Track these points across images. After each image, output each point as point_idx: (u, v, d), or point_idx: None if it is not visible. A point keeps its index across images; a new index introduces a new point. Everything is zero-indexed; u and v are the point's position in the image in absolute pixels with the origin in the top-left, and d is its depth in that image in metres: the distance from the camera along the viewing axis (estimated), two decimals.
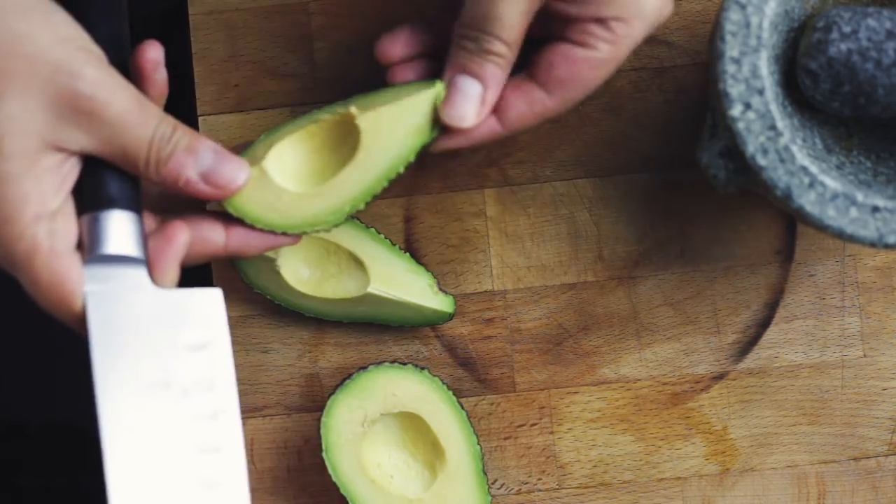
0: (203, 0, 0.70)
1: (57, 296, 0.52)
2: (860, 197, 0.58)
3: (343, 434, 0.65)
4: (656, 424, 0.70)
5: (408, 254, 0.68)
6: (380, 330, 0.69)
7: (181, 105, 0.71)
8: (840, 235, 0.59)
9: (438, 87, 0.58)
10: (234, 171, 0.55)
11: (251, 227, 0.57)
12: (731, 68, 0.58)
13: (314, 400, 0.70)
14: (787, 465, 0.70)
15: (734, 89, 0.58)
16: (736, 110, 0.58)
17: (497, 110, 0.58)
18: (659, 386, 0.70)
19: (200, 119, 0.70)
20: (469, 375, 0.70)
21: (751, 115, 0.58)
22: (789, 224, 0.70)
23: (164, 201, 0.57)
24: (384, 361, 0.67)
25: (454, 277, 0.70)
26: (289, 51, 0.70)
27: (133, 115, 0.52)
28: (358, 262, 0.67)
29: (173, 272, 0.54)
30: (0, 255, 0.52)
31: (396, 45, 0.60)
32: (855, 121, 0.64)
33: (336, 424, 0.66)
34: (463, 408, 0.67)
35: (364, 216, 0.69)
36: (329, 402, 0.66)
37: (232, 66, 0.70)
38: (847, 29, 0.59)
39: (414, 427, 0.67)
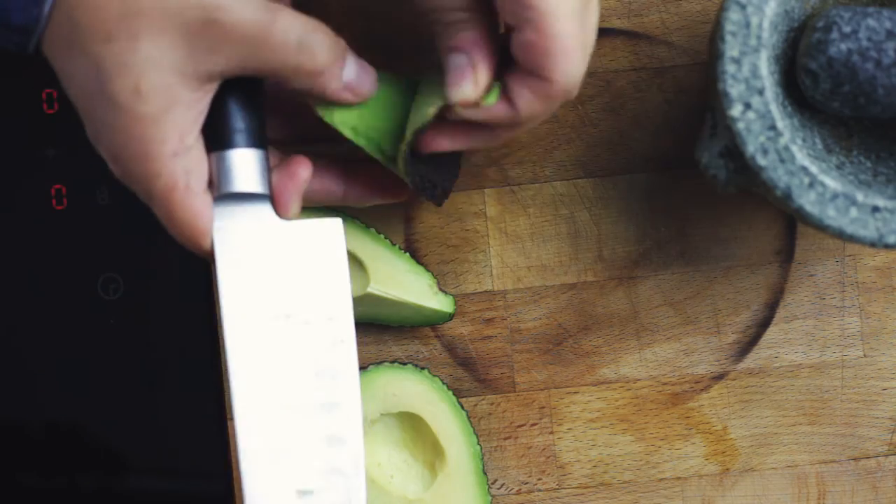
0: None
1: (190, 232, 0.54)
2: (860, 197, 0.58)
3: None
4: (656, 424, 0.70)
5: (407, 254, 0.68)
6: (380, 330, 0.69)
7: None
8: (840, 235, 0.59)
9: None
10: (372, 79, 0.58)
11: (368, 180, 0.61)
12: (731, 68, 0.58)
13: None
14: (787, 465, 0.70)
15: (734, 89, 0.58)
16: (736, 110, 0.58)
17: (507, 99, 0.57)
18: (659, 386, 0.70)
19: None
20: (469, 375, 0.70)
21: (751, 115, 0.58)
22: (789, 224, 0.70)
23: (285, 140, 0.60)
24: (384, 361, 0.67)
25: (454, 277, 0.70)
26: None
27: (269, 29, 0.52)
28: (358, 262, 0.67)
29: (296, 206, 0.57)
30: (139, 189, 0.54)
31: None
32: (855, 121, 0.64)
33: None
34: (463, 408, 0.67)
35: (364, 216, 0.69)
36: None
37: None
38: (847, 29, 0.59)
39: (414, 427, 0.67)
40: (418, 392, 0.66)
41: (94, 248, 0.72)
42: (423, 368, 0.67)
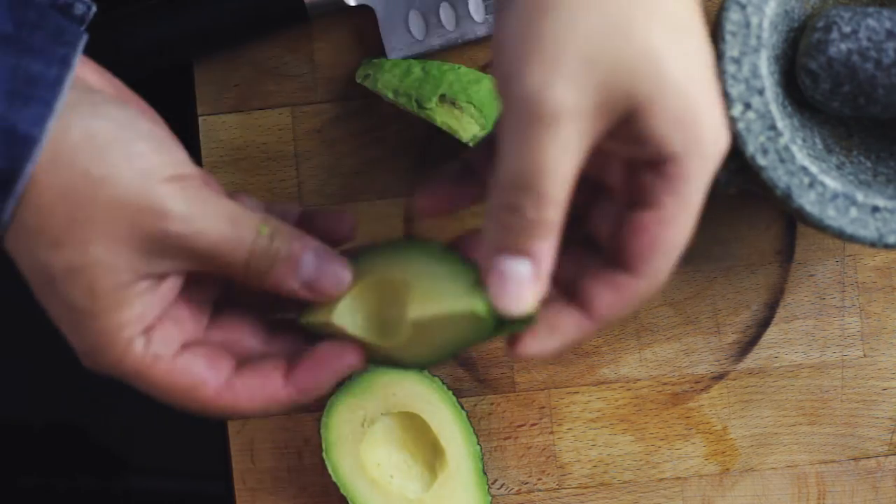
0: None
1: (180, 395, 0.51)
2: (860, 197, 0.58)
3: (343, 434, 0.65)
4: (656, 424, 0.70)
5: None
6: None
7: (181, 105, 0.71)
8: (840, 235, 0.59)
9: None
10: (338, 276, 0.51)
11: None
12: (731, 68, 0.58)
13: (314, 400, 0.70)
14: (787, 465, 0.70)
15: (734, 89, 0.58)
16: (736, 110, 0.58)
17: (582, 303, 0.49)
18: (659, 386, 0.70)
19: (200, 119, 0.70)
20: (469, 375, 0.70)
21: (751, 115, 0.58)
22: (789, 224, 0.70)
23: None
24: None
25: None
26: (289, 51, 0.70)
27: (226, 241, 0.49)
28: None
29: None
30: (114, 376, 0.52)
31: (434, 199, 0.54)
32: (855, 121, 0.64)
33: (336, 424, 0.66)
34: (463, 408, 0.67)
35: (364, 216, 0.69)
36: (329, 402, 0.66)
37: (232, 66, 0.70)
38: (847, 29, 0.59)
39: (414, 427, 0.67)
40: (418, 392, 0.66)
41: None
42: (423, 368, 0.67)
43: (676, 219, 0.47)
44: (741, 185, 0.61)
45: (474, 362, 0.70)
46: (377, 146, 0.70)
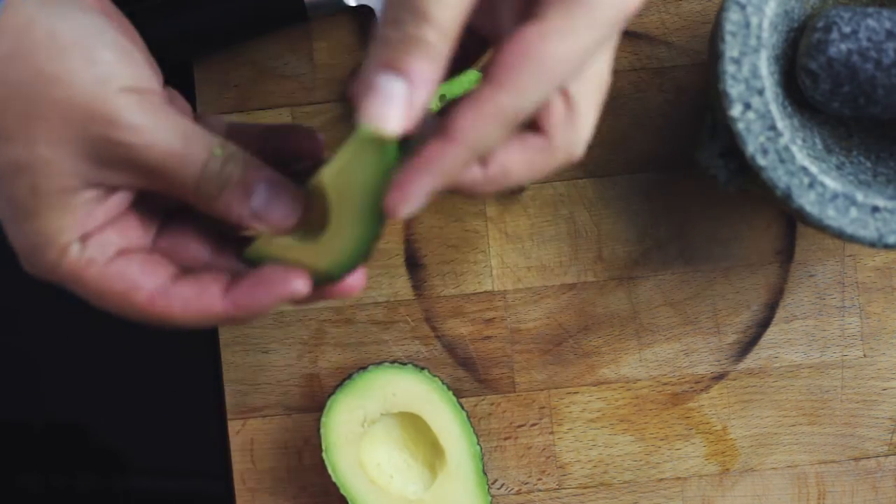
0: None
1: (114, 300, 0.51)
2: (860, 197, 0.58)
3: (343, 434, 0.65)
4: (656, 424, 0.70)
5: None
6: (380, 330, 0.69)
7: None
8: (840, 235, 0.59)
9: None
10: (288, 209, 0.50)
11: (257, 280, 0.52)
12: (731, 68, 0.58)
13: (314, 400, 0.70)
14: (787, 465, 0.70)
15: (734, 89, 0.58)
16: (736, 110, 0.58)
17: (444, 125, 0.45)
18: (659, 386, 0.70)
19: None
20: (469, 375, 0.70)
21: (751, 115, 0.58)
22: (789, 224, 0.70)
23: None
24: (384, 361, 0.67)
25: (454, 277, 0.70)
26: (289, 50, 0.70)
27: (176, 156, 0.48)
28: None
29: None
30: (49, 279, 0.51)
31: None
32: (855, 121, 0.64)
33: (336, 424, 0.66)
34: (463, 408, 0.67)
35: None
36: (329, 402, 0.66)
37: (232, 66, 0.70)
38: (847, 29, 0.59)
39: (414, 427, 0.67)
40: (418, 392, 0.66)
41: None
42: (422, 369, 0.67)
43: (560, 36, 0.43)
44: (741, 185, 0.61)
45: (474, 362, 0.70)
46: None
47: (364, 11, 0.70)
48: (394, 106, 0.44)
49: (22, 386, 0.73)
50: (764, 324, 0.70)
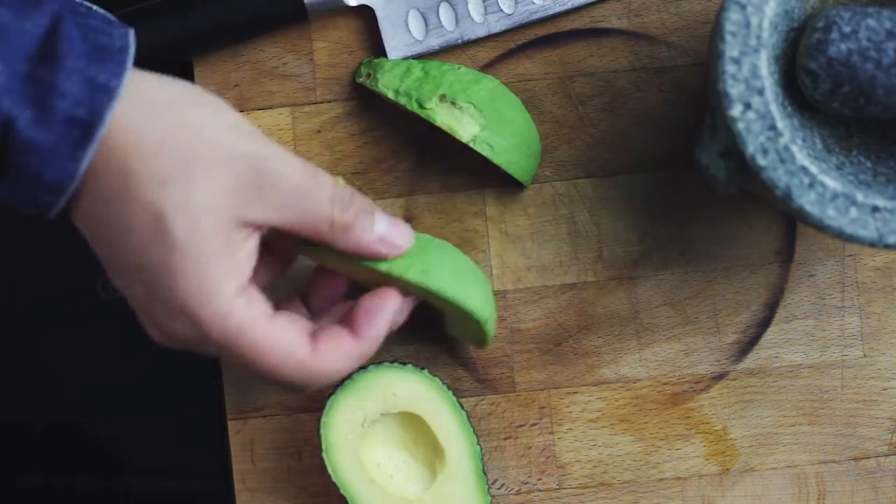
0: None
1: (275, 360, 0.55)
2: (860, 197, 0.58)
3: (343, 434, 0.65)
4: (656, 424, 0.70)
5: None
6: None
7: None
8: (840, 235, 0.59)
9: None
10: (406, 234, 0.59)
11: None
12: (731, 68, 0.58)
13: (314, 400, 0.70)
14: (787, 465, 0.70)
15: (734, 89, 0.58)
16: (736, 110, 0.58)
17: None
18: (659, 386, 0.70)
19: None
20: (469, 375, 0.70)
21: (751, 115, 0.58)
22: (789, 224, 0.70)
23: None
24: (384, 362, 0.67)
25: None
26: (289, 51, 0.70)
27: (310, 183, 0.54)
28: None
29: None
30: (204, 338, 0.54)
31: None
32: (855, 121, 0.64)
33: (336, 424, 0.66)
34: (463, 408, 0.67)
35: None
36: (329, 402, 0.66)
37: (232, 66, 0.70)
38: (847, 29, 0.59)
39: (414, 427, 0.67)
40: (418, 392, 0.66)
41: None
42: (422, 369, 0.67)
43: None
44: (741, 185, 0.61)
45: (474, 362, 0.70)
46: (377, 146, 0.70)
47: (364, 11, 0.70)
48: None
49: (22, 386, 0.73)
50: (764, 324, 0.70)
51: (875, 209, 0.58)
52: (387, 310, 0.58)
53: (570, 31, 0.70)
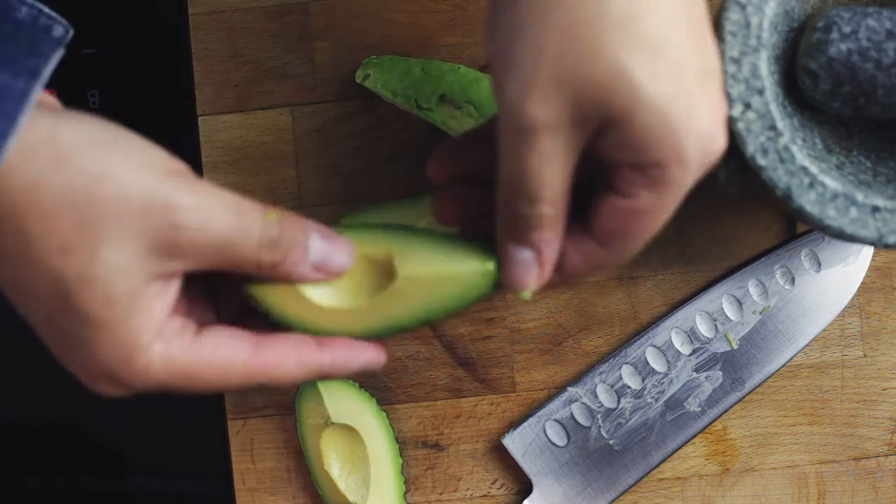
0: (203, 0, 0.70)
1: (215, 374, 0.51)
2: (860, 197, 0.58)
3: (309, 424, 0.67)
4: None
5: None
6: None
7: (181, 105, 0.71)
8: (840, 235, 0.59)
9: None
10: (344, 256, 0.53)
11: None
12: (731, 68, 0.58)
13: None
14: (787, 465, 0.70)
15: (734, 89, 0.58)
16: (736, 110, 0.58)
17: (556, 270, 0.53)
18: None
19: (200, 119, 0.70)
20: (469, 375, 0.70)
21: (751, 115, 0.58)
22: (789, 224, 0.70)
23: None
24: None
25: None
26: (289, 51, 0.70)
27: (235, 230, 0.49)
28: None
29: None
30: (133, 391, 0.51)
31: (443, 168, 0.57)
32: (855, 121, 0.64)
33: (305, 414, 0.67)
34: (392, 426, 0.68)
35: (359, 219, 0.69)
36: (299, 388, 0.67)
37: (232, 66, 0.70)
38: (847, 29, 0.59)
39: (354, 439, 0.68)
40: (357, 410, 0.67)
41: None
42: (361, 386, 0.68)
43: (650, 213, 0.51)
44: (741, 185, 0.61)
45: (474, 362, 0.70)
46: (377, 146, 0.70)
47: None
48: (528, 273, 0.52)
49: (23, 387, 0.73)
50: None
51: (875, 209, 0.58)
52: (367, 356, 0.54)
53: None
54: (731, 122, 0.58)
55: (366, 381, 0.70)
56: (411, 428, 0.70)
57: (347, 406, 0.67)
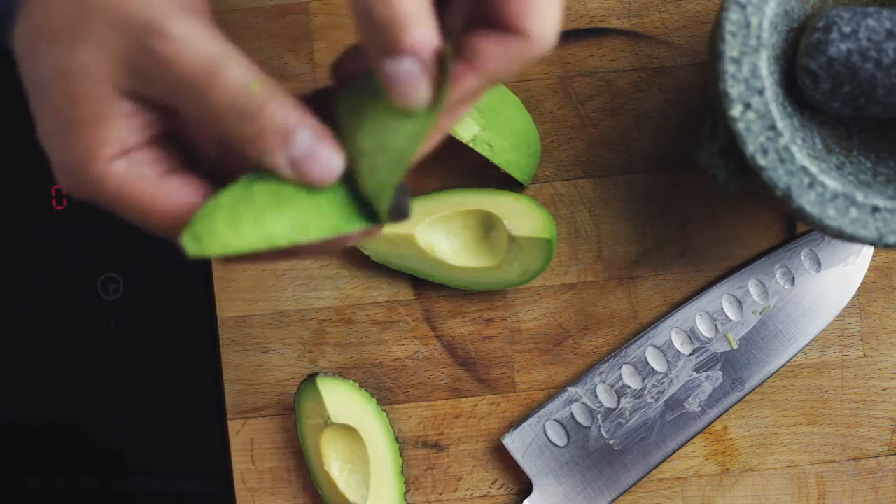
0: None
1: (170, 217, 0.48)
2: (860, 197, 0.58)
3: (309, 423, 0.67)
4: None
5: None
6: (380, 330, 0.69)
7: None
8: (840, 235, 0.59)
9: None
10: (329, 164, 0.47)
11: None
12: (731, 68, 0.58)
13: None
14: (787, 465, 0.70)
15: (734, 89, 0.58)
16: (736, 110, 0.58)
17: (470, 63, 0.46)
18: None
19: None
20: (469, 375, 0.70)
21: (751, 115, 0.58)
22: (789, 224, 0.70)
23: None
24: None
25: None
26: (289, 51, 0.70)
27: (205, 75, 0.45)
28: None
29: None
30: (89, 198, 0.49)
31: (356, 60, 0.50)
32: (855, 121, 0.64)
33: (303, 411, 0.67)
34: (392, 426, 0.68)
35: None
36: (300, 387, 0.67)
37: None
38: (847, 29, 0.59)
39: (357, 440, 0.68)
40: (357, 409, 0.67)
41: (94, 248, 0.72)
42: (361, 386, 0.68)
43: None
44: (741, 185, 0.61)
45: (474, 362, 0.70)
46: None
47: None
48: (415, 82, 0.45)
49: (23, 387, 0.73)
50: None
51: (875, 209, 0.58)
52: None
53: (570, 31, 0.70)
54: (731, 123, 0.58)
55: (366, 381, 0.70)
56: (411, 428, 0.70)
57: (347, 406, 0.67)
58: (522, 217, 0.66)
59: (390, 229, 0.67)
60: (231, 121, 0.46)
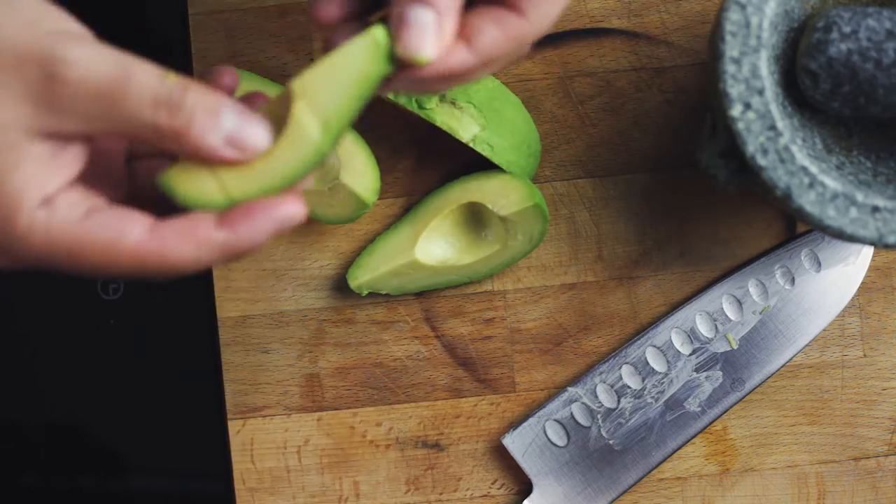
0: (203, 0, 0.70)
1: (101, 255, 0.47)
2: (860, 197, 0.58)
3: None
4: None
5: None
6: (380, 330, 0.69)
7: None
8: (840, 235, 0.59)
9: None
10: (261, 131, 0.48)
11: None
12: (731, 68, 0.58)
13: (314, 400, 0.70)
14: (787, 465, 0.70)
15: (734, 89, 0.58)
16: (736, 110, 0.58)
17: (466, 38, 0.49)
18: None
19: None
20: (469, 375, 0.70)
21: (751, 115, 0.58)
22: (789, 224, 0.70)
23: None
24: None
25: None
26: (289, 51, 0.70)
27: (119, 86, 0.45)
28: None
29: None
30: (18, 262, 0.48)
31: (333, 5, 0.52)
32: (855, 121, 0.64)
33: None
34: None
35: (365, 215, 0.69)
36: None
37: (232, 66, 0.70)
38: (847, 29, 0.59)
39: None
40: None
41: None
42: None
43: None
44: (741, 185, 0.61)
45: (474, 362, 0.70)
46: (377, 146, 0.70)
47: None
48: (428, 34, 0.47)
49: (22, 387, 0.73)
50: None
51: (875, 209, 0.58)
52: (277, 217, 0.48)
53: (570, 31, 0.70)
54: (731, 123, 0.58)
55: (366, 381, 0.70)
56: (411, 428, 0.70)
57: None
58: (502, 194, 0.66)
59: (387, 267, 0.67)
60: (159, 116, 0.46)
